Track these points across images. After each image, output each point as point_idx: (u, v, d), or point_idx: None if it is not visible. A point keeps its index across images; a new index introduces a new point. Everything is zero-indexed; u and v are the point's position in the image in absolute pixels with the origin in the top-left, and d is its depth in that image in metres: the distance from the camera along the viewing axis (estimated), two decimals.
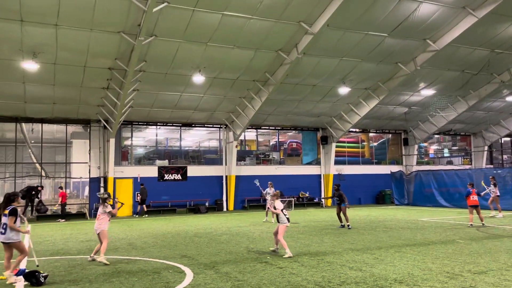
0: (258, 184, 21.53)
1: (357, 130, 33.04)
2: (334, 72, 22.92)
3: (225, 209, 27.60)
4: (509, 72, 25.00)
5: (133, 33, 17.17)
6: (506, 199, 24.03)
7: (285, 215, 11.14)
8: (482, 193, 19.18)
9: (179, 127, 28.16)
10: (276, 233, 11.10)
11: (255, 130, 30.60)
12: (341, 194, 16.77)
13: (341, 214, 16.74)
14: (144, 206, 24.69)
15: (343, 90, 24.91)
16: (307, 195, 16.92)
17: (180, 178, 27.02)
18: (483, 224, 16.37)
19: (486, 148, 36.11)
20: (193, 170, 27.53)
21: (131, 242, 13.66)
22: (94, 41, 17.75)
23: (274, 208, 11.31)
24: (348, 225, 16.28)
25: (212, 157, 29.25)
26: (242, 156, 29.64)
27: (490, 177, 20.93)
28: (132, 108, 23.73)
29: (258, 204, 28.12)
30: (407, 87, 26.18)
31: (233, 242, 13.21)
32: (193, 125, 28.24)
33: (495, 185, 19.49)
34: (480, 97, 27.52)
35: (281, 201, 11.76)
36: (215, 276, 8.48)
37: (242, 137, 29.71)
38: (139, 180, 25.96)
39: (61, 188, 24.02)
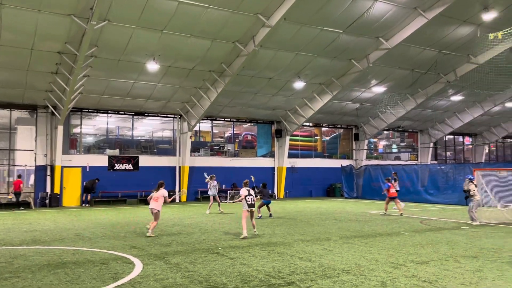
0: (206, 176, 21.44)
1: (311, 124, 33.60)
2: (290, 66, 23.13)
3: (177, 200, 27.29)
4: (454, 73, 26.23)
5: (85, 16, 16.51)
6: (448, 193, 25.34)
7: (247, 201, 12.24)
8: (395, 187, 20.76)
9: (131, 116, 27.47)
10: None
11: (210, 122, 30.42)
12: (262, 190, 17.97)
13: (262, 207, 17.88)
14: (87, 194, 24.50)
15: (298, 84, 25.21)
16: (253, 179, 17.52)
17: (132, 168, 26.42)
18: (385, 213, 18.72)
19: (431, 144, 37.80)
20: (145, 160, 26.99)
21: (78, 233, 13.22)
22: (42, 22, 16.91)
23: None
24: (270, 214, 17.86)
25: (165, 147, 28.79)
26: (196, 147, 29.39)
27: (393, 172, 22.12)
28: (82, 94, 22.89)
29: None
30: (359, 84, 26.88)
31: (184, 233, 13.10)
32: (146, 114, 27.64)
33: (395, 180, 20.77)
34: (428, 96, 28.71)
35: (247, 190, 12.49)
36: (165, 267, 8.37)
37: (196, 128, 29.43)
38: (88, 170, 25.16)
39: (19, 176, 22.94)
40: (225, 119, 30.65)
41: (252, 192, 12.58)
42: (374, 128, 33.62)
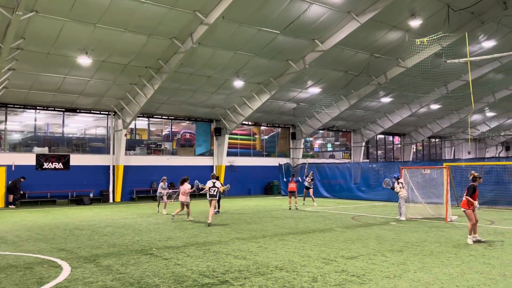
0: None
1: (250, 123, 33.84)
2: (228, 64, 23.14)
3: (111, 200, 26.39)
4: (385, 76, 27.52)
5: (10, 6, 15.47)
6: (378, 190, 26.54)
7: (208, 192, 14.47)
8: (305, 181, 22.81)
9: (61, 112, 26.15)
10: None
11: (146, 119, 29.69)
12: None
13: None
14: (10, 196, 23.17)
15: (237, 83, 25.29)
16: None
17: (62, 167, 25.15)
18: (296, 207, 20.35)
19: (363, 144, 39.45)
20: (77, 159, 25.81)
21: (1, 236, 12.40)
22: None
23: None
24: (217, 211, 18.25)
25: (98, 145, 27.71)
26: (132, 146, 28.55)
27: (311, 172, 23.79)
28: (7, 89, 21.51)
29: (148, 195, 27.44)
30: (296, 84, 27.46)
31: (117, 234, 12.71)
32: (78, 110, 26.43)
33: (312, 179, 23.05)
34: (360, 97, 29.91)
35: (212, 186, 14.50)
36: (95, 270, 8.08)
37: (132, 126, 28.63)
38: (13, 169, 23.65)
39: None
40: (163, 117, 30.06)
41: (217, 184, 14.59)
42: (310, 128, 34.50)
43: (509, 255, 9.32)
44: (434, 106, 36.27)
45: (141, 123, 29.92)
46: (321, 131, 39.66)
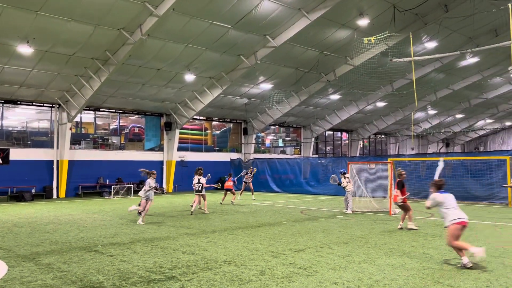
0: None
1: (201, 117, 33.54)
2: (179, 58, 22.77)
3: (55, 196, 25.32)
4: (334, 73, 28.13)
5: None
6: (327, 185, 27.13)
7: (194, 187, 16.39)
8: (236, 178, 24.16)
9: (0, 104, 24.72)
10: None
11: (93, 112, 28.67)
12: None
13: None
14: None
15: (188, 77, 24.95)
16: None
17: (1, 161, 23.79)
18: (232, 203, 20.94)
19: (313, 139, 40.21)
20: (17, 153, 24.49)
21: None
22: None
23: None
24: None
25: (41, 139, 26.45)
26: (77, 140, 27.49)
27: (251, 168, 25.26)
28: None
29: (94, 191, 26.58)
30: (248, 80, 27.49)
31: (60, 231, 12.19)
32: (19, 102, 25.09)
33: (251, 174, 24.43)
34: (310, 94, 30.42)
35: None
36: (34, 268, 7.70)
37: (77, 119, 27.56)
38: None
39: None
40: (110, 110, 29.14)
41: (202, 180, 16.34)
42: (262, 123, 34.71)
43: (447, 245, 9.81)
44: (380, 104, 37.54)
45: (87, 116, 28.86)
46: (272, 127, 40.00)
